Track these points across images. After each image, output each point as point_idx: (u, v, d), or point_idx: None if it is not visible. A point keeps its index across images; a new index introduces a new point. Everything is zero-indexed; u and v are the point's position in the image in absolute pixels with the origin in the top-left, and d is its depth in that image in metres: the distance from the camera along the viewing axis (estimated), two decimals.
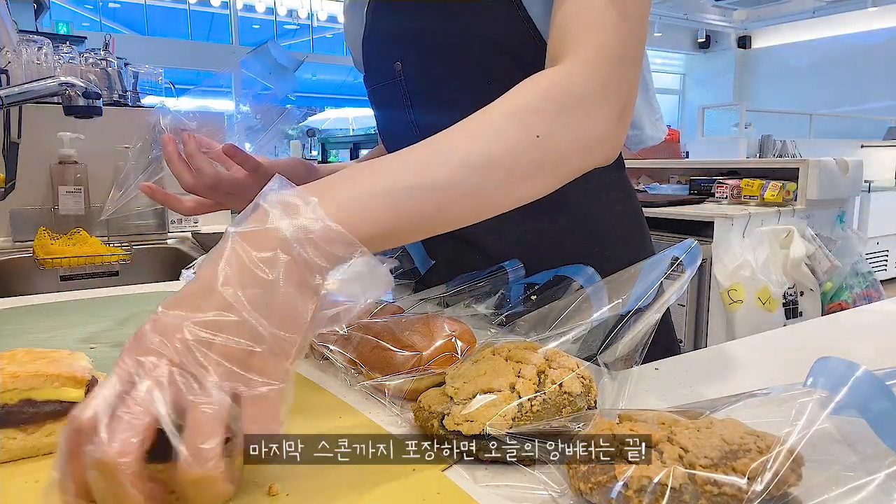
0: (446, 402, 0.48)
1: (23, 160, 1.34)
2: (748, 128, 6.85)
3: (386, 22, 0.85)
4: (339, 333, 0.63)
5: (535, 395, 0.46)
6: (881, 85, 9.69)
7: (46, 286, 1.59)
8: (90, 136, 1.79)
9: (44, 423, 0.48)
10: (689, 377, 0.64)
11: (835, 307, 2.94)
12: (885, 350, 0.74)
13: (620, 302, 0.55)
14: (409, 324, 0.61)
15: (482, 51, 0.77)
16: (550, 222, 0.82)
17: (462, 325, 0.63)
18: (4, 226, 1.75)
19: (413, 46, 0.82)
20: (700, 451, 0.37)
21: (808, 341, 0.77)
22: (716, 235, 2.65)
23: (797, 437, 0.38)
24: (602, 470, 0.38)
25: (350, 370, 0.61)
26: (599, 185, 0.83)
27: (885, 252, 5.49)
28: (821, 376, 0.42)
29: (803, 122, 7.99)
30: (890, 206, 5.39)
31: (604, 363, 0.53)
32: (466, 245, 0.86)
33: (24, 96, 1.15)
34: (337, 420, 0.54)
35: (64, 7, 8.95)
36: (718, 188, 3.14)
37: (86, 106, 1.21)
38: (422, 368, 0.56)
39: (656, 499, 0.35)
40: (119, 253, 1.66)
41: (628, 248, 0.86)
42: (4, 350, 0.52)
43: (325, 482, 0.44)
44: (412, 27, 0.82)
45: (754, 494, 0.35)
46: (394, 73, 0.84)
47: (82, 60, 1.88)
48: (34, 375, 0.48)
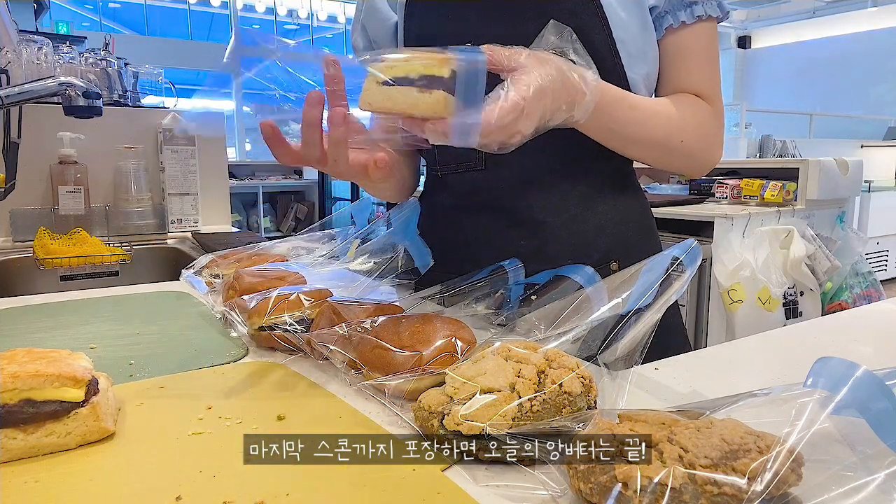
0: (446, 402, 0.48)
1: (23, 160, 1.34)
2: (748, 128, 6.85)
3: (454, 4, 0.87)
4: (340, 333, 0.63)
5: (535, 395, 0.46)
6: (881, 85, 9.69)
7: (46, 286, 1.59)
8: (90, 136, 1.79)
9: (44, 423, 0.48)
10: (689, 377, 0.64)
11: (835, 307, 2.94)
12: (885, 350, 0.74)
13: (620, 302, 0.55)
14: (409, 324, 0.61)
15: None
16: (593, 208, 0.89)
17: (462, 325, 0.63)
18: (4, 226, 1.75)
19: (487, 30, 0.82)
20: (700, 451, 0.37)
21: (808, 341, 0.77)
22: (716, 235, 2.65)
23: (797, 437, 0.38)
24: (602, 470, 0.38)
25: (350, 370, 0.61)
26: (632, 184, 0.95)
27: (885, 252, 5.49)
28: (821, 376, 0.42)
29: (803, 122, 7.99)
30: (890, 206, 5.39)
31: (604, 363, 0.53)
32: (517, 224, 0.88)
33: (24, 96, 1.15)
34: (337, 420, 0.54)
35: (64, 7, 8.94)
36: (718, 188, 3.14)
37: (86, 106, 1.21)
38: (422, 368, 0.56)
39: (656, 499, 0.35)
40: (119, 253, 1.65)
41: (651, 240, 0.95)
42: (4, 350, 0.52)
43: (325, 482, 0.44)
44: (490, 10, 0.84)
45: (754, 494, 0.35)
46: None
47: (82, 60, 1.88)
48: (34, 375, 0.48)
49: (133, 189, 1.89)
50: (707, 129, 0.87)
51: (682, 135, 0.83)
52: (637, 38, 0.83)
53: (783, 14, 10.75)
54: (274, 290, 0.75)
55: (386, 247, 0.88)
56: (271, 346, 0.73)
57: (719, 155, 0.89)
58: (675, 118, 0.83)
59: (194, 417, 0.54)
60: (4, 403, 0.47)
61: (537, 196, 0.87)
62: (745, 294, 2.61)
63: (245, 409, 0.56)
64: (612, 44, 0.81)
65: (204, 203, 2.02)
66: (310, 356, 0.69)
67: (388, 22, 0.95)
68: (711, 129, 0.87)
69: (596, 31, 0.80)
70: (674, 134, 0.83)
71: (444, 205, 0.95)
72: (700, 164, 0.88)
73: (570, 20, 0.80)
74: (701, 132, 0.86)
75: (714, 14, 0.85)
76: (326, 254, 0.99)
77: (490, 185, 0.89)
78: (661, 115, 0.82)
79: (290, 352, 0.71)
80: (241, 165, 6.73)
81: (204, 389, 0.61)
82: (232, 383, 0.63)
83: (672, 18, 0.84)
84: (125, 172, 1.88)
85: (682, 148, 0.84)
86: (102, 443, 0.50)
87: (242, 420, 0.53)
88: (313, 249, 1.02)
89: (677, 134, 0.83)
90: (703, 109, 0.86)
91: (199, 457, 0.47)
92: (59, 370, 0.49)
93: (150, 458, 0.48)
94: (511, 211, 0.88)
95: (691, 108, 0.85)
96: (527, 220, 0.87)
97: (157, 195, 1.96)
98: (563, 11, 0.80)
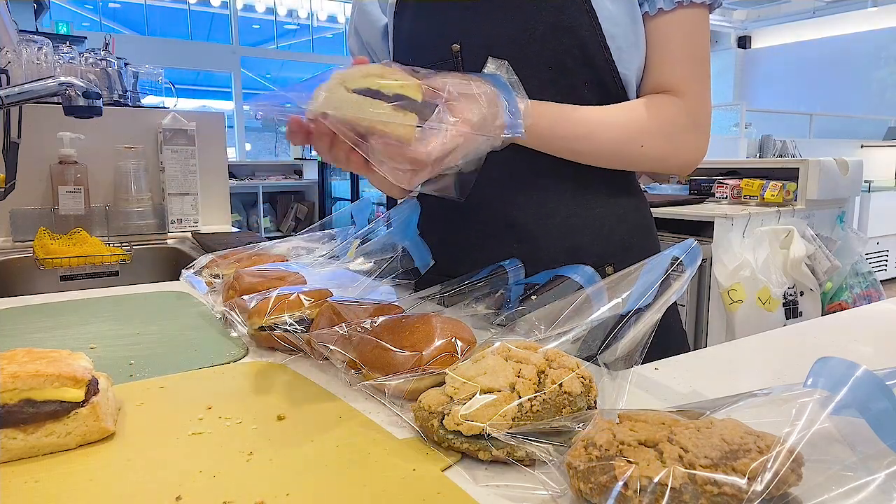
0: (446, 402, 0.48)
1: (23, 160, 1.34)
2: (748, 128, 6.84)
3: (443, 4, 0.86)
4: (340, 333, 0.63)
5: (535, 395, 0.46)
6: (881, 85, 9.69)
7: (46, 286, 1.59)
8: (90, 136, 1.79)
9: (44, 423, 0.48)
10: (689, 377, 0.64)
11: (835, 307, 2.94)
12: (885, 350, 0.74)
13: (620, 302, 0.55)
14: (409, 324, 0.61)
15: (550, 37, 0.79)
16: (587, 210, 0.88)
17: (462, 325, 0.63)
18: (4, 226, 1.75)
19: (476, 29, 0.83)
20: (700, 451, 0.37)
21: (808, 341, 0.77)
22: (716, 235, 2.65)
23: (797, 437, 0.38)
24: (602, 470, 0.38)
25: (350, 370, 0.61)
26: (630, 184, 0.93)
27: (885, 252, 5.49)
28: (821, 376, 0.42)
29: (803, 122, 7.99)
30: (890, 206, 5.39)
31: (604, 363, 0.53)
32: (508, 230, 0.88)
33: (24, 96, 1.15)
34: (337, 420, 0.54)
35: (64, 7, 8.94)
36: (718, 188, 3.14)
37: (86, 106, 1.21)
38: (422, 368, 0.56)
39: (656, 499, 0.35)
40: (119, 253, 1.65)
41: (650, 240, 0.93)
42: (4, 350, 0.52)
43: (325, 482, 0.44)
44: (478, 9, 0.83)
45: (754, 494, 0.35)
46: (450, 54, 0.85)
47: (82, 60, 1.88)
48: (34, 375, 0.48)
49: (133, 189, 1.89)
50: (674, 130, 0.82)
51: (642, 140, 0.80)
52: (628, 32, 0.80)
53: (783, 14, 10.74)
54: (274, 290, 0.75)
55: (386, 247, 0.88)
56: (271, 346, 0.73)
57: (697, 155, 0.85)
58: (633, 124, 0.80)
59: (194, 417, 0.54)
60: (4, 403, 0.47)
61: (530, 197, 0.86)
62: (745, 294, 2.61)
63: (245, 409, 0.56)
64: (602, 38, 0.79)
65: (204, 203, 2.02)
66: (310, 356, 0.69)
67: (378, 24, 0.95)
68: (681, 130, 0.82)
69: (584, 28, 0.78)
70: (631, 140, 0.80)
71: (443, 205, 0.95)
72: (674, 165, 0.85)
73: (556, 16, 0.79)
74: (666, 134, 0.82)
75: (699, 0, 0.79)
76: (326, 254, 0.99)
77: (482, 185, 0.88)
78: (614, 125, 0.80)
79: (290, 352, 0.71)
80: (241, 165, 6.74)
81: (204, 389, 0.61)
82: (232, 383, 0.63)
83: (649, 5, 0.79)
84: (125, 172, 1.88)
85: (645, 152, 0.81)
86: (102, 443, 0.50)
87: (242, 420, 0.53)
88: (313, 249, 1.02)
89: (636, 139, 0.80)
90: (668, 110, 0.81)
91: (199, 457, 0.47)
92: (59, 370, 0.49)
93: (150, 458, 0.48)
94: (503, 212, 0.87)
95: (656, 109, 0.81)
96: (519, 223, 0.86)
97: (157, 195, 1.96)
98: (550, 8, 0.79)
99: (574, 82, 0.81)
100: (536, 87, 0.68)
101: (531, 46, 0.80)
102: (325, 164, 6.38)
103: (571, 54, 0.80)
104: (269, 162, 7.56)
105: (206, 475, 0.44)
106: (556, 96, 0.80)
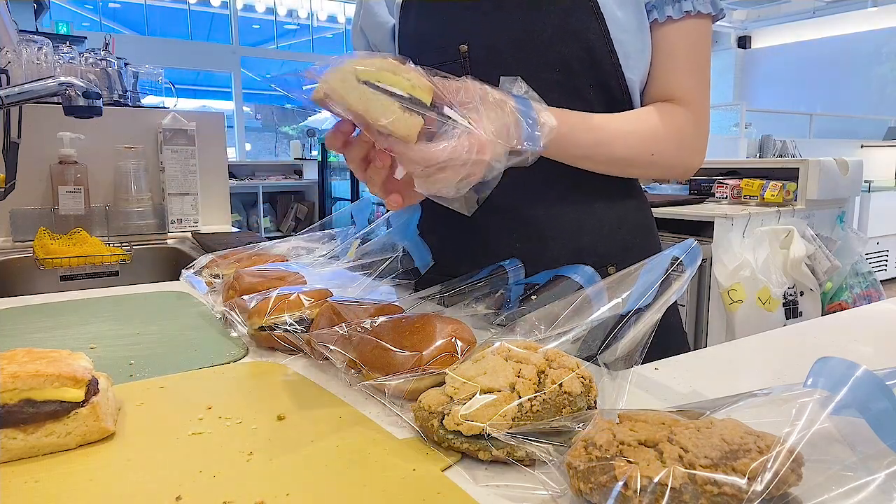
0: (446, 402, 0.48)
1: (23, 160, 1.34)
2: (748, 128, 6.84)
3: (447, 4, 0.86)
4: (340, 333, 0.63)
5: (535, 395, 0.46)
6: (881, 85, 9.69)
7: (46, 286, 1.59)
8: (90, 136, 1.79)
9: (44, 423, 0.48)
10: (689, 377, 0.64)
11: (835, 307, 2.94)
12: (885, 350, 0.74)
13: (620, 302, 0.55)
14: (409, 324, 0.61)
15: (557, 39, 0.79)
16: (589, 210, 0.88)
17: (462, 325, 0.63)
18: (4, 226, 1.75)
19: (481, 29, 0.83)
20: (700, 451, 0.37)
21: (808, 341, 0.77)
22: (716, 235, 2.65)
23: (797, 437, 0.38)
24: (602, 470, 0.38)
25: (350, 370, 0.61)
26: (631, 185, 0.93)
27: (885, 252, 5.49)
28: (821, 376, 0.42)
29: (803, 122, 7.99)
30: (890, 206, 5.38)
31: (604, 363, 0.53)
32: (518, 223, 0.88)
33: (24, 96, 1.14)
34: (337, 420, 0.54)
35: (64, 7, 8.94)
36: (718, 188, 3.14)
37: (86, 106, 1.21)
38: (422, 368, 0.56)
39: (656, 499, 0.35)
40: (119, 253, 1.65)
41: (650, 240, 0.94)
42: (4, 350, 0.52)
43: (325, 482, 0.44)
44: (483, 10, 0.83)
45: (754, 494, 0.35)
46: (457, 54, 0.85)
47: (82, 60, 1.88)
48: (34, 375, 0.48)
49: (133, 189, 1.89)
50: (683, 137, 0.84)
51: (654, 148, 0.82)
52: (636, 38, 0.81)
53: (783, 14, 10.74)
54: (274, 290, 0.75)
55: (386, 247, 0.88)
56: (271, 346, 0.73)
57: (700, 160, 0.87)
58: (647, 133, 0.81)
59: (194, 417, 0.54)
60: (4, 403, 0.47)
61: (532, 198, 0.86)
62: (745, 294, 2.61)
63: (245, 409, 0.56)
64: (610, 43, 0.80)
65: (204, 203, 2.02)
66: (310, 356, 0.69)
67: (385, 25, 0.95)
68: (689, 138, 0.85)
69: (592, 32, 0.79)
70: (645, 149, 0.81)
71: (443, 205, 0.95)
72: (679, 171, 0.87)
73: (564, 19, 0.79)
74: (677, 142, 0.83)
75: (705, 11, 0.81)
76: (326, 254, 0.99)
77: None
78: (630, 134, 0.80)
79: (290, 352, 0.71)
80: (241, 165, 6.74)
81: (204, 389, 0.61)
82: (232, 383, 0.63)
83: (658, 13, 0.81)
84: (125, 172, 1.88)
85: (655, 161, 0.82)
86: (102, 443, 0.50)
87: (242, 420, 0.53)
88: (313, 249, 1.02)
89: (649, 148, 0.81)
90: (679, 119, 0.83)
91: (199, 457, 0.47)
92: (59, 370, 0.49)
93: (150, 458, 0.48)
94: (506, 213, 0.87)
95: (667, 117, 0.83)
96: (522, 223, 0.86)
97: (157, 195, 1.96)
98: (558, 11, 0.79)
99: (579, 85, 0.81)
100: (542, 89, 0.68)
101: (537, 48, 0.80)
102: (324, 164, 6.38)
103: (578, 57, 0.80)
104: (269, 162, 7.56)
105: (206, 475, 0.44)
106: (562, 98, 0.80)
